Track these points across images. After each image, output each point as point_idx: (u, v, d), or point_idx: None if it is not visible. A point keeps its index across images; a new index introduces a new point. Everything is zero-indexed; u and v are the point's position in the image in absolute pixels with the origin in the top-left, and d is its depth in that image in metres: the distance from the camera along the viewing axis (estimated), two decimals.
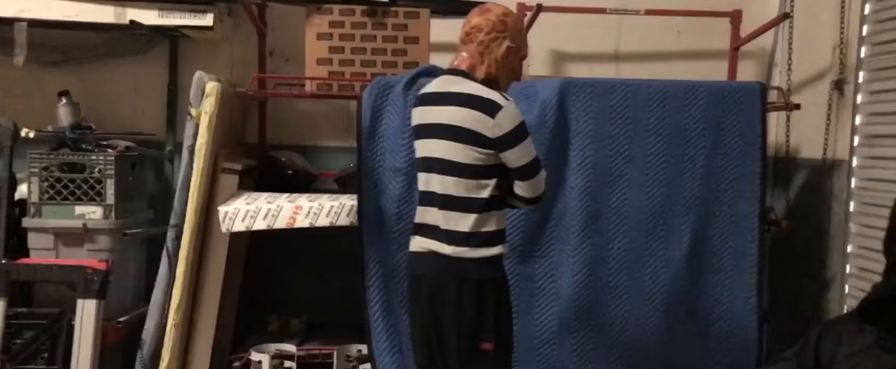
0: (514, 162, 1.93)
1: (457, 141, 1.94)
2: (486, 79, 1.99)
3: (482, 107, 1.90)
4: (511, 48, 1.99)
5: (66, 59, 3.16)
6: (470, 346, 1.95)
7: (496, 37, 1.98)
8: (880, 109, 2.61)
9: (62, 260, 2.74)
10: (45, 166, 2.77)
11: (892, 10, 2.54)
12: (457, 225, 1.95)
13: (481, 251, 1.95)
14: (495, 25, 1.98)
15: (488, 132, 1.90)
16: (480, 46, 1.99)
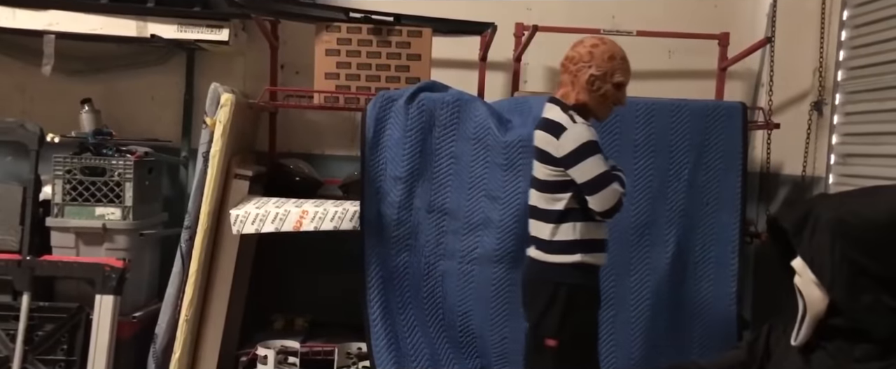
0: (578, 178, 2.13)
1: (538, 160, 2.20)
2: (576, 105, 2.21)
3: (551, 130, 2.15)
4: (595, 76, 2.20)
5: (89, 68, 3.30)
6: (536, 340, 2.18)
7: (582, 67, 2.21)
8: (855, 130, 2.77)
9: (82, 258, 2.86)
10: (68, 169, 2.90)
11: (867, 37, 2.70)
12: (540, 233, 2.20)
13: (559, 257, 2.16)
14: (582, 56, 2.22)
15: (555, 151, 2.12)
16: (570, 76, 2.23)
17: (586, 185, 2.11)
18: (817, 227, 1.28)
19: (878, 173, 2.56)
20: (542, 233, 2.19)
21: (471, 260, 2.83)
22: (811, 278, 1.30)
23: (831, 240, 1.26)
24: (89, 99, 3.11)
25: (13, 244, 2.87)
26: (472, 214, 2.83)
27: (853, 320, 1.26)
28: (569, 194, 2.15)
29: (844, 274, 1.25)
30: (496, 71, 3.39)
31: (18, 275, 2.78)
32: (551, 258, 2.17)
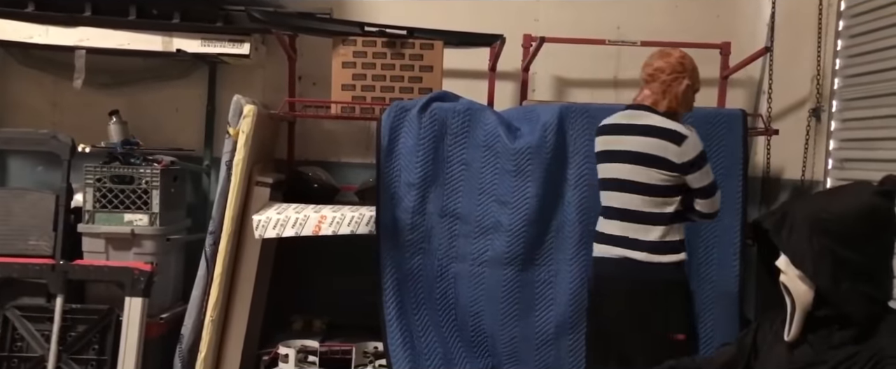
0: (695, 183, 2.31)
1: (643, 165, 2.33)
2: (667, 112, 2.38)
3: (668, 137, 2.30)
4: (690, 86, 2.40)
5: (116, 82, 3.44)
6: (662, 338, 2.30)
7: (677, 77, 2.39)
8: (851, 136, 2.86)
9: (112, 262, 3.01)
10: (98, 178, 3.04)
11: (862, 46, 2.80)
12: (644, 235, 2.32)
13: (669, 256, 2.33)
14: (675, 67, 2.40)
15: (675, 158, 2.28)
16: (663, 85, 2.39)
17: (702, 191, 2.31)
18: (795, 226, 1.39)
19: (873, 177, 2.61)
20: (647, 236, 2.32)
21: (482, 262, 2.95)
22: (796, 273, 1.42)
23: (809, 236, 1.37)
24: (117, 110, 3.26)
25: (47, 249, 3.01)
26: (482, 218, 2.94)
27: (837, 307, 1.37)
28: (679, 198, 2.33)
29: (825, 265, 1.36)
30: (505, 81, 3.51)
31: (52, 279, 2.92)
32: (662, 258, 2.32)
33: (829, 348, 1.37)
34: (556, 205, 2.95)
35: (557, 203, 2.95)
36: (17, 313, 2.95)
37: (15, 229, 3.04)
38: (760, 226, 1.51)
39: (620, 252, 2.39)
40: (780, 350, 1.47)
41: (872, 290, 1.38)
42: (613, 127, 2.45)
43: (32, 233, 3.03)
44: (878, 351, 1.30)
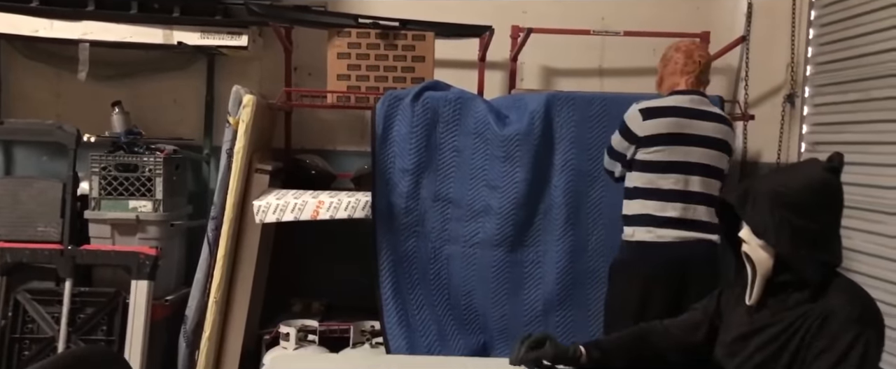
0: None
1: (720, 150, 2.52)
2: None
3: (729, 124, 2.53)
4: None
5: (118, 73, 3.53)
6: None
7: (707, 66, 2.68)
8: (822, 120, 3.01)
9: (118, 246, 3.11)
10: (103, 166, 3.14)
11: (832, 35, 2.95)
12: (713, 218, 2.39)
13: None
14: (704, 56, 2.69)
15: (733, 143, 2.53)
16: (701, 73, 2.63)
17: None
18: (756, 200, 1.53)
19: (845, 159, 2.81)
20: (714, 219, 2.42)
21: (473, 244, 3.08)
22: (757, 243, 1.56)
23: (770, 209, 1.52)
24: (119, 101, 3.35)
25: (55, 235, 3.13)
26: (473, 202, 3.07)
27: (795, 272, 1.52)
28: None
29: (785, 234, 1.50)
30: (494, 70, 3.64)
31: (61, 264, 3.04)
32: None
33: (785, 309, 1.52)
34: (544, 189, 3.09)
35: (544, 187, 3.09)
36: (28, 296, 3.07)
37: (24, 216, 3.15)
38: (725, 201, 1.65)
39: (696, 235, 2.51)
40: (742, 312, 1.62)
41: (826, 256, 1.53)
42: (681, 110, 2.53)
43: (41, 219, 3.15)
44: (827, 308, 1.45)
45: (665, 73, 2.65)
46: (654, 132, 2.50)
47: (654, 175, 2.52)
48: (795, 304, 1.50)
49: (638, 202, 2.52)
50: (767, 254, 1.55)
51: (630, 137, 2.52)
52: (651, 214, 2.51)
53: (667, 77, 2.64)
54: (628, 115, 2.54)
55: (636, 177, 2.56)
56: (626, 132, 2.55)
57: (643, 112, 2.52)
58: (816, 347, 1.42)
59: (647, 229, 2.51)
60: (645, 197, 2.51)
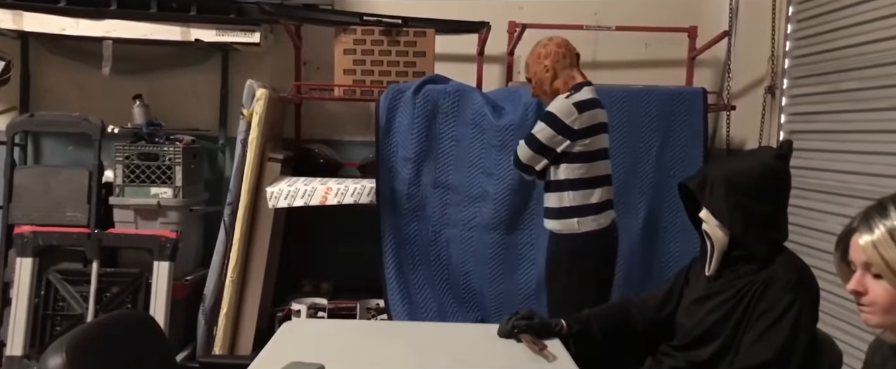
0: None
1: (606, 133, 2.65)
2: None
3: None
4: None
5: (138, 68, 3.73)
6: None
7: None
8: (799, 110, 3.21)
9: (141, 230, 3.33)
10: (126, 155, 3.35)
11: (808, 30, 3.13)
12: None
13: None
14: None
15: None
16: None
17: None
18: (714, 186, 1.74)
19: (816, 146, 3.00)
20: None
21: (471, 227, 3.29)
22: (715, 223, 1.76)
23: (725, 193, 1.72)
24: (140, 95, 3.56)
25: (83, 220, 3.35)
26: (471, 188, 3.28)
27: (746, 248, 1.72)
28: None
29: (738, 215, 1.71)
30: (492, 64, 3.82)
31: (89, 246, 3.26)
32: None
33: (737, 278, 1.72)
34: None
35: None
36: (59, 276, 3.30)
37: (54, 202, 3.38)
38: (685, 186, 1.85)
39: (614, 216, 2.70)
40: (702, 281, 1.83)
41: (774, 234, 1.73)
42: (596, 101, 2.63)
43: (69, 205, 3.37)
44: (769, 276, 1.65)
45: (558, 69, 2.65)
46: (587, 124, 2.55)
47: (590, 164, 2.58)
48: (745, 274, 1.71)
49: (578, 193, 2.57)
50: (723, 232, 1.76)
51: (566, 132, 2.52)
52: (593, 203, 2.58)
53: (561, 72, 2.65)
54: (562, 111, 2.53)
55: (574, 169, 2.57)
56: (561, 127, 2.52)
57: (577, 106, 2.53)
58: (759, 309, 1.63)
59: (592, 217, 2.58)
60: (584, 187, 2.57)
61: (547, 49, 2.69)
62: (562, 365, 1.67)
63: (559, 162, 2.59)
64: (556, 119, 2.54)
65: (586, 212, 2.58)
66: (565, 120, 2.53)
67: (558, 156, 2.58)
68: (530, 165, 2.64)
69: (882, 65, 2.61)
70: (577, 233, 2.58)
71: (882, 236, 1.16)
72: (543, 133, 2.57)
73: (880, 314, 1.19)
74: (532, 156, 2.61)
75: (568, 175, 2.58)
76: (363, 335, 1.98)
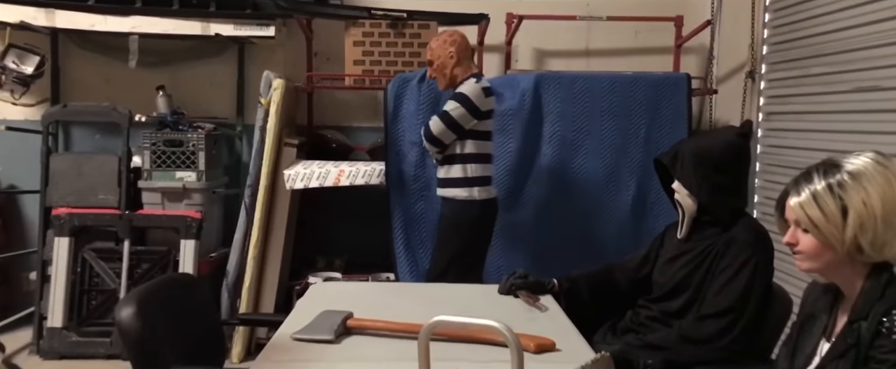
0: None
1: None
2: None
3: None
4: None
5: (160, 61, 3.99)
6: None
7: None
8: (776, 93, 3.45)
9: (167, 211, 3.60)
10: (153, 142, 3.62)
11: (783, 19, 3.37)
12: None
13: None
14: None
15: None
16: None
17: None
18: (684, 161, 2.00)
19: (790, 126, 3.25)
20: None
21: None
22: (685, 192, 2.02)
23: (693, 166, 1.98)
24: (163, 85, 3.84)
25: (114, 202, 3.63)
26: None
27: (712, 214, 1.99)
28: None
29: (705, 186, 1.97)
30: (492, 53, 4.08)
31: (120, 226, 3.53)
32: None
33: (703, 239, 1.99)
34: (534, 158, 3.55)
35: (534, 156, 3.55)
36: (93, 254, 3.58)
37: (87, 186, 3.65)
38: (660, 161, 2.12)
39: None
40: (675, 243, 2.10)
41: (735, 201, 2.00)
42: (491, 88, 2.97)
43: (101, 189, 3.64)
44: (730, 237, 1.92)
45: (460, 57, 2.93)
46: (488, 107, 2.91)
47: (486, 142, 2.95)
48: (710, 235, 1.98)
49: (480, 166, 2.93)
50: (692, 200, 2.02)
51: (475, 112, 2.84)
52: (487, 175, 2.97)
53: (462, 60, 2.94)
54: (474, 94, 2.83)
55: (478, 145, 2.91)
56: (472, 107, 2.82)
57: (484, 91, 2.87)
58: (722, 265, 1.90)
59: (487, 188, 2.97)
60: (480, 161, 2.93)
61: (453, 38, 2.96)
62: (553, 315, 1.94)
63: (466, 138, 2.90)
64: (468, 100, 2.84)
65: (484, 183, 2.96)
66: (476, 101, 2.85)
67: (465, 133, 2.89)
68: (440, 139, 2.90)
69: (846, 51, 2.85)
70: (476, 199, 2.93)
71: (807, 198, 1.42)
72: (457, 111, 2.85)
73: (809, 260, 1.46)
74: (444, 130, 2.88)
75: (473, 149, 2.92)
76: (381, 292, 2.25)
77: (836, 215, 1.39)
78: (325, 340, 1.60)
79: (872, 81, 2.70)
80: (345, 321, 1.68)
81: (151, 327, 1.64)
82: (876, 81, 2.68)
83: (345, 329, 1.67)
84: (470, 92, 2.85)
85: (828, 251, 1.41)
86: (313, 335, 1.62)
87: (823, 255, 1.43)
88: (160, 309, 1.71)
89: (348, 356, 1.54)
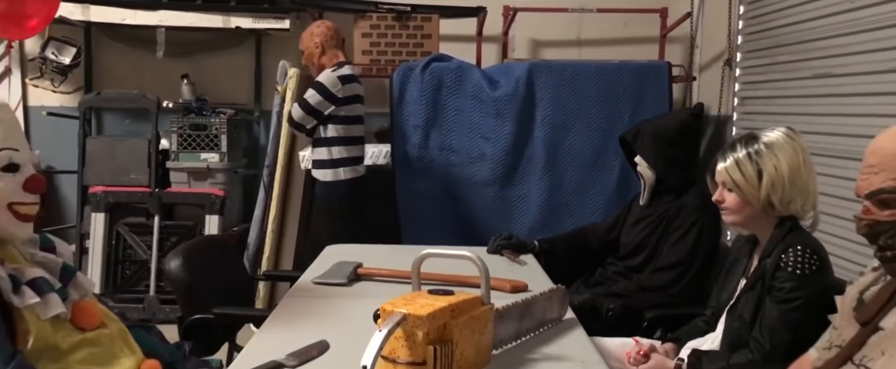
0: None
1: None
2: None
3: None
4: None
5: (185, 51, 4.32)
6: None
7: None
8: (749, 79, 3.75)
9: (193, 189, 3.94)
10: (179, 126, 3.96)
11: (756, 10, 3.66)
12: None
13: None
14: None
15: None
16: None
17: None
18: (644, 137, 2.32)
19: (760, 110, 3.56)
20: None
21: (472, 184, 3.82)
22: (646, 165, 2.35)
23: (652, 143, 2.31)
24: (187, 74, 4.18)
25: (144, 181, 3.97)
26: (471, 151, 3.81)
27: (667, 184, 2.32)
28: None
29: (661, 159, 2.30)
30: (490, 43, 4.37)
31: (151, 203, 3.90)
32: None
33: (660, 205, 2.33)
34: (527, 140, 3.84)
35: (528, 138, 3.84)
36: (126, 228, 3.95)
37: (119, 167, 4.00)
38: (624, 138, 2.45)
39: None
40: (638, 209, 2.44)
41: (688, 172, 2.33)
42: (357, 77, 3.32)
43: (133, 169, 3.99)
44: (683, 203, 2.25)
45: (326, 46, 3.29)
46: (348, 94, 3.21)
47: (349, 126, 3.25)
48: (666, 202, 2.31)
49: (343, 148, 3.26)
50: (651, 171, 2.35)
51: (333, 99, 3.18)
52: (353, 156, 3.29)
53: (328, 49, 3.29)
54: (328, 81, 3.18)
55: (339, 129, 3.24)
56: (328, 95, 3.17)
57: (340, 78, 3.19)
58: (673, 227, 2.23)
59: (352, 168, 3.28)
60: (347, 143, 3.25)
61: (320, 29, 3.30)
62: (531, 269, 2.28)
63: (327, 123, 3.21)
64: (323, 87, 3.17)
65: (350, 163, 3.27)
66: (331, 89, 3.17)
67: (326, 118, 3.19)
68: (302, 124, 3.24)
69: (807, 41, 3.15)
70: (342, 180, 3.23)
71: (731, 163, 1.75)
72: (314, 98, 3.18)
73: (733, 215, 1.79)
74: (303, 116, 3.20)
75: (335, 133, 3.23)
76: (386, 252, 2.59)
77: (754, 177, 1.72)
78: (339, 283, 1.95)
79: (826, 69, 3.01)
80: (356, 269, 2.02)
81: (194, 276, 1.99)
82: (829, 69, 2.99)
83: (356, 275, 2.02)
84: (325, 80, 3.19)
85: (747, 206, 1.74)
86: (330, 279, 1.97)
87: (744, 210, 1.76)
88: (201, 262, 2.06)
89: (359, 295, 1.89)
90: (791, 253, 1.63)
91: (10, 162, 1.31)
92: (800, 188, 1.69)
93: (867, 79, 2.68)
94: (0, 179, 1.30)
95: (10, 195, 1.31)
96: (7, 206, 1.31)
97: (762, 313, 1.65)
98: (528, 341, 1.54)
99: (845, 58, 2.90)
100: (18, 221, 1.33)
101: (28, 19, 2.85)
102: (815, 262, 1.63)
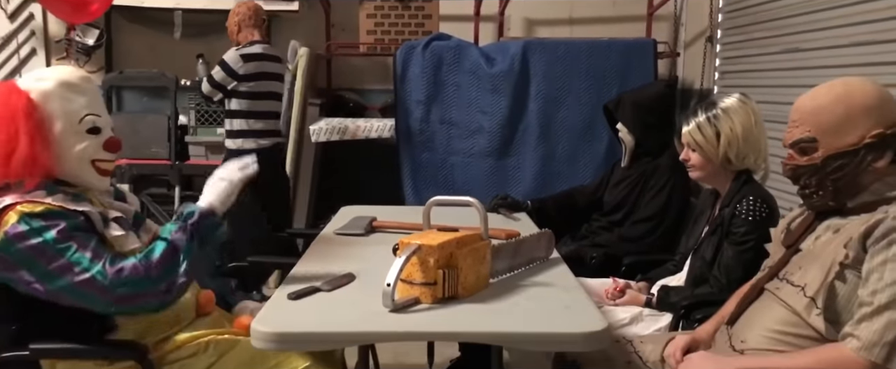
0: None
1: (282, 81, 3.74)
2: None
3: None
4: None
5: (200, 32, 4.55)
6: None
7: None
8: (729, 55, 4.02)
9: (211, 161, 4.19)
10: (197, 103, 4.23)
11: None
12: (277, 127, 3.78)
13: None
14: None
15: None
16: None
17: None
18: (625, 106, 2.61)
19: (738, 83, 3.83)
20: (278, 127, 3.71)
21: (470, 155, 4.12)
22: (626, 130, 2.64)
23: (632, 111, 2.59)
24: (202, 54, 4.44)
25: (165, 154, 4.24)
26: (470, 124, 4.09)
27: (645, 147, 2.60)
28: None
29: (639, 125, 2.58)
30: (487, 22, 4.62)
31: (171, 174, 4.17)
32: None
33: (639, 166, 2.61)
34: (522, 113, 4.13)
35: (523, 112, 4.13)
36: (149, 198, 4.23)
37: (142, 141, 4.26)
38: (607, 107, 2.73)
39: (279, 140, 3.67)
40: (621, 170, 2.73)
41: (663, 136, 2.61)
42: (266, 55, 3.54)
43: (154, 143, 4.26)
44: (658, 164, 2.54)
45: (242, 26, 3.53)
46: (252, 71, 3.45)
47: (255, 101, 3.50)
48: (644, 163, 2.60)
49: (246, 120, 3.52)
50: (631, 136, 2.64)
51: (233, 75, 3.44)
52: (257, 129, 3.54)
53: (244, 28, 3.53)
54: (230, 59, 3.45)
55: (240, 103, 3.50)
56: (230, 71, 3.43)
57: (242, 57, 3.44)
58: (650, 185, 2.52)
59: (254, 139, 3.53)
60: (250, 117, 3.51)
61: (240, 9, 3.57)
62: (523, 223, 2.57)
63: (231, 97, 3.50)
64: (226, 64, 3.45)
65: (251, 135, 3.53)
66: (233, 66, 3.44)
67: (229, 93, 3.48)
68: (209, 96, 3.57)
69: (780, 18, 3.42)
70: (242, 149, 3.48)
71: (693, 126, 2.04)
72: (218, 74, 3.47)
73: (697, 171, 2.08)
74: (210, 90, 3.52)
75: (238, 107, 3.51)
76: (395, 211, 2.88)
77: (713, 138, 2.00)
78: (357, 234, 2.24)
79: (796, 44, 3.28)
80: (371, 222, 2.32)
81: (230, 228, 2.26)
82: (798, 44, 3.26)
83: (372, 227, 2.31)
84: (228, 58, 3.45)
85: (708, 163, 2.03)
86: (349, 230, 2.26)
87: (706, 167, 2.05)
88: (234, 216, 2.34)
89: (375, 242, 2.18)
90: (745, 202, 1.92)
91: (93, 125, 1.60)
92: (752, 145, 1.98)
93: (833, 52, 2.95)
94: (85, 140, 1.59)
95: (94, 153, 1.60)
96: (91, 162, 1.60)
97: (720, 254, 1.94)
98: (520, 273, 1.84)
99: (813, 33, 3.17)
100: (99, 175, 1.62)
101: (90, 5, 3.11)
102: (765, 210, 1.92)
